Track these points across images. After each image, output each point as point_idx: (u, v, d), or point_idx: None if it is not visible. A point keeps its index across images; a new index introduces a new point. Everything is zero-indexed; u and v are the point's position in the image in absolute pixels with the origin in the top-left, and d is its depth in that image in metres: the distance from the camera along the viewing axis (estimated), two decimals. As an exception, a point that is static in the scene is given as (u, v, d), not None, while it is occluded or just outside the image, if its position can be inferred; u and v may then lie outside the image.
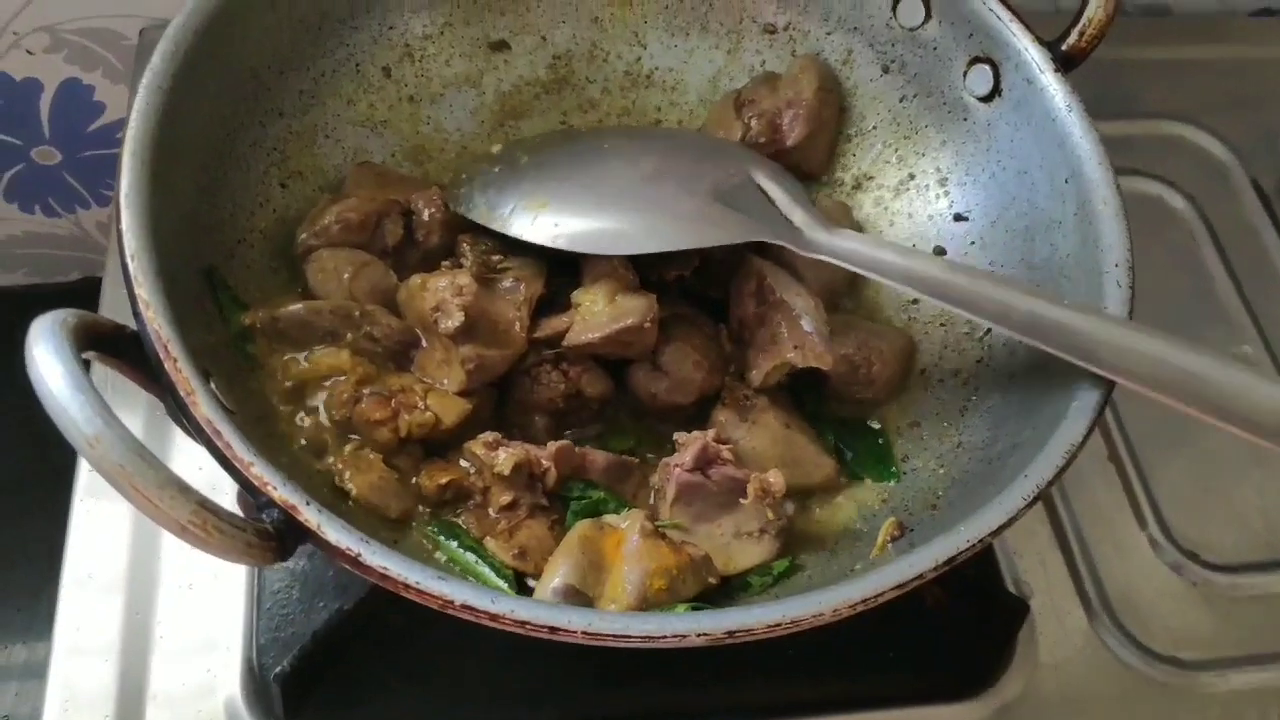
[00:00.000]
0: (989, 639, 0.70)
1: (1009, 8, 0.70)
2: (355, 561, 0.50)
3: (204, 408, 0.51)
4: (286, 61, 0.70)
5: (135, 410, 0.73)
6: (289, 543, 0.50)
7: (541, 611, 0.49)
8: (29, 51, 0.93)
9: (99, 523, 0.71)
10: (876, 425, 0.70)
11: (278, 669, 0.62)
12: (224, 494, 0.57)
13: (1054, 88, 0.68)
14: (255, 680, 0.66)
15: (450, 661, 0.67)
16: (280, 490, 0.50)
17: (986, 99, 0.72)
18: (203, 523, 0.46)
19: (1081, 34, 0.69)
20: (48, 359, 0.46)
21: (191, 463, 0.66)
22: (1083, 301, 0.63)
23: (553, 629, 0.49)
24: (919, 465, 0.67)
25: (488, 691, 0.67)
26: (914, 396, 0.71)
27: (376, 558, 0.49)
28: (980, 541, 0.53)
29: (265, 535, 0.49)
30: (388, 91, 0.76)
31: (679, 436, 0.64)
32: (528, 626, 0.49)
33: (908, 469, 0.68)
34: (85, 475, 0.72)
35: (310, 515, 0.50)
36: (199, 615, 0.68)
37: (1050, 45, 0.69)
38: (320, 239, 0.68)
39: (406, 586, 0.49)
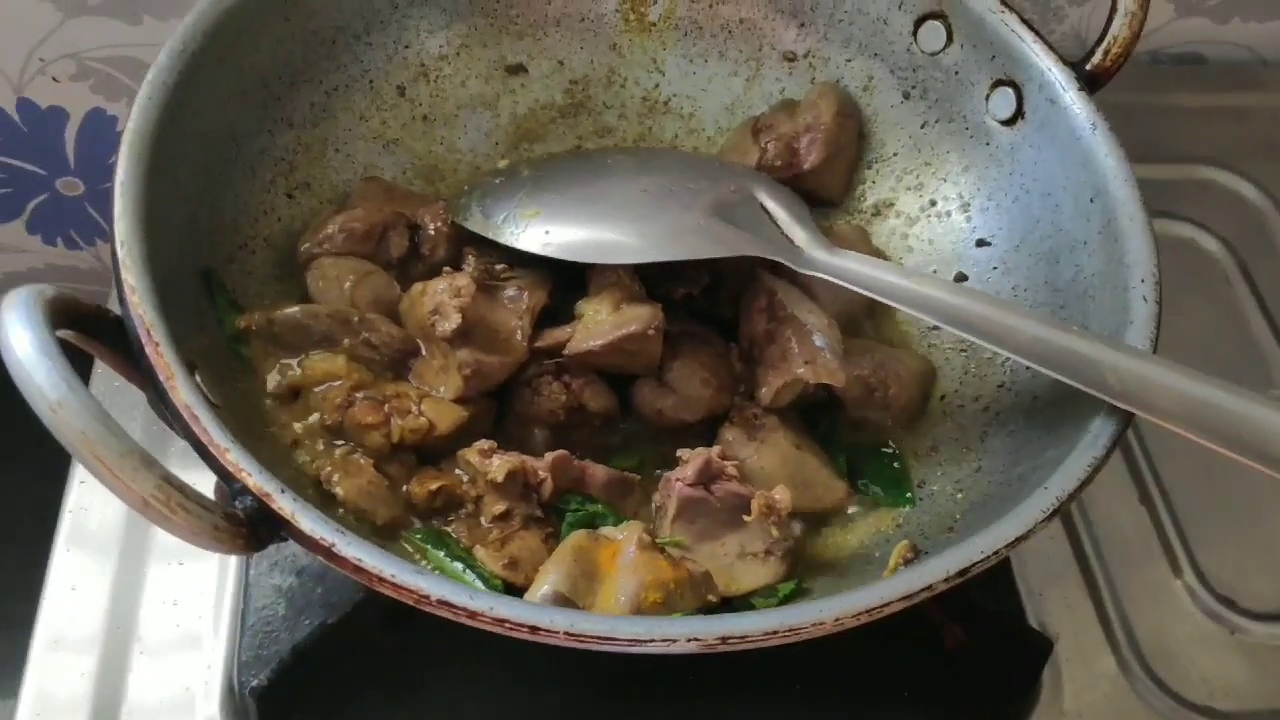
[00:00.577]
0: (1011, 679, 0.66)
1: (1032, 29, 0.69)
2: (329, 553, 0.47)
3: (183, 393, 0.50)
4: (298, 73, 0.70)
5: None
6: (262, 532, 0.48)
7: (522, 610, 0.46)
8: (55, 79, 0.94)
9: (88, 533, 0.69)
10: (892, 449, 0.67)
11: (254, 683, 0.59)
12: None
13: (1078, 106, 0.66)
14: (235, 700, 0.63)
15: (440, 686, 0.63)
16: (255, 478, 0.48)
17: (1009, 122, 0.71)
18: (166, 499, 0.44)
19: (1106, 53, 0.67)
20: (16, 326, 0.45)
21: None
22: (1108, 321, 0.61)
23: (534, 629, 0.46)
24: (936, 490, 0.64)
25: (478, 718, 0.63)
26: (933, 422, 0.68)
27: (351, 549, 0.47)
28: (995, 554, 0.50)
29: (235, 521, 0.47)
30: (401, 110, 0.75)
31: (682, 452, 0.61)
32: (507, 625, 0.46)
33: (924, 494, 0.64)
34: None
35: (284, 503, 0.48)
36: (182, 631, 0.66)
37: (1074, 66, 0.68)
38: (323, 248, 0.67)
39: (381, 579, 0.47)
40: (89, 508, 0.70)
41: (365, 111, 0.74)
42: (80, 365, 0.65)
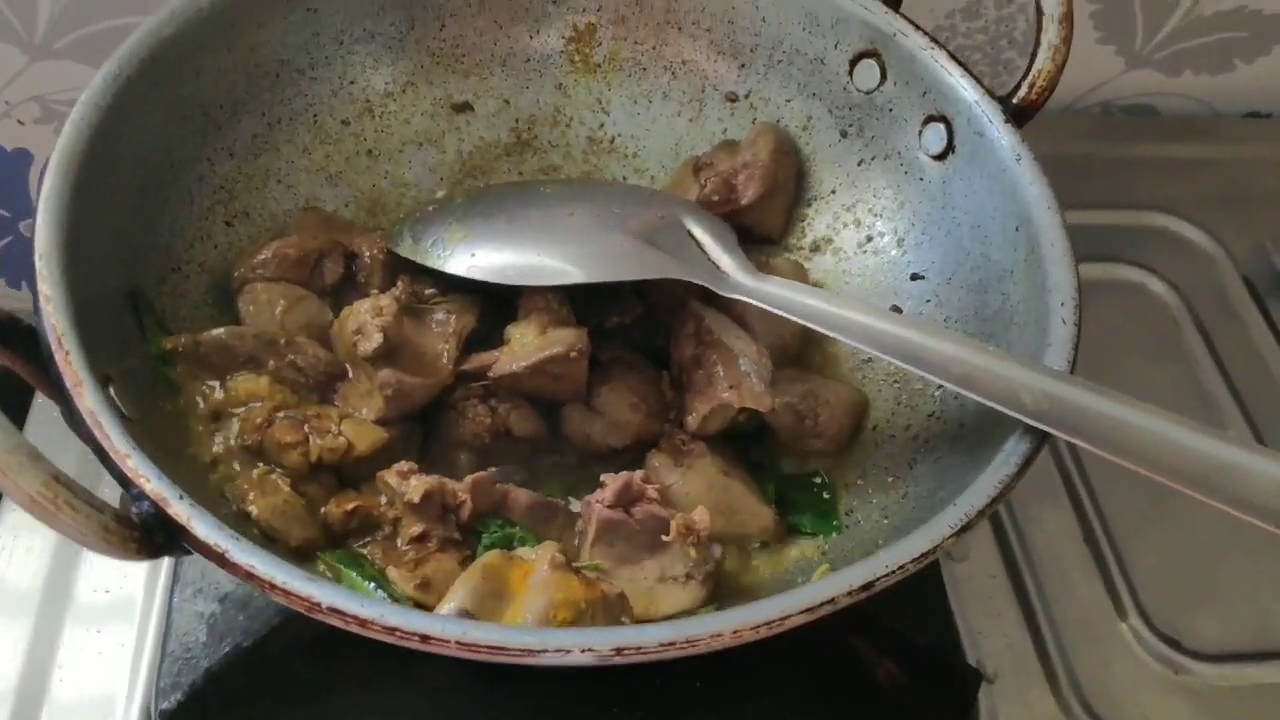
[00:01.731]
0: (942, 713, 0.65)
1: (960, 64, 0.70)
2: (222, 559, 0.47)
3: (89, 400, 0.50)
4: (240, 104, 0.71)
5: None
6: (158, 538, 0.48)
7: (413, 619, 0.46)
8: (20, 122, 0.95)
9: (16, 546, 0.69)
10: (822, 479, 0.66)
11: (163, 705, 0.58)
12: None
13: (1005, 139, 0.67)
14: (149, 727, 0.62)
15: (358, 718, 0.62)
16: (154, 483, 0.48)
17: (941, 157, 0.71)
18: (54, 496, 0.44)
19: (1031, 86, 0.68)
20: (-86, 323, 0.45)
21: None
22: (1029, 345, 0.61)
23: (425, 637, 0.45)
24: (862, 518, 0.64)
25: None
26: (864, 451, 0.67)
27: (244, 555, 0.47)
28: (900, 569, 0.49)
29: (127, 524, 0.46)
30: (345, 144, 0.76)
31: (605, 476, 0.61)
32: (398, 634, 0.45)
33: (850, 522, 0.64)
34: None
35: (180, 509, 0.47)
36: (102, 664, 0.65)
37: (1001, 100, 0.69)
38: (256, 273, 0.67)
39: (273, 586, 0.46)
40: (17, 531, 0.70)
41: (308, 144, 0.75)
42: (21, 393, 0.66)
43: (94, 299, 0.57)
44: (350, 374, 0.64)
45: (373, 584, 0.57)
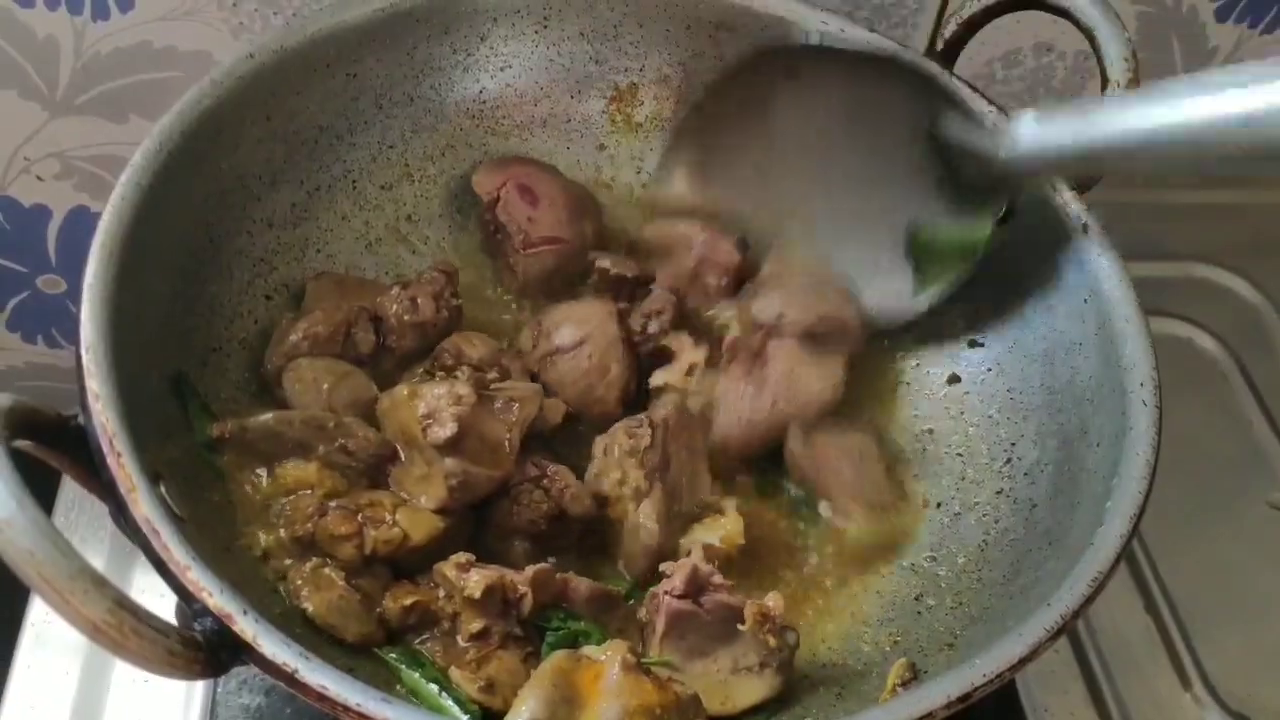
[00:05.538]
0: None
1: (1021, 127, 0.68)
2: (291, 679, 0.45)
3: (144, 506, 0.48)
4: (279, 173, 0.69)
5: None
6: (222, 656, 0.45)
7: (497, 743, 0.44)
8: (39, 178, 0.93)
9: (47, 661, 0.66)
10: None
11: (215, 812, 0.56)
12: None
13: (1070, 207, 0.66)
14: (196, 829, 0.59)
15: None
16: (217, 598, 0.46)
17: (1001, 220, 0.69)
18: (119, 624, 0.41)
19: (1096, 153, 0.66)
20: (-33, 439, 0.43)
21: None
22: (1107, 425, 0.59)
23: (509, 763, 0.43)
24: (934, 603, 0.62)
25: None
26: (930, 530, 0.65)
27: (315, 675, 0.44)
28: (998, 676, 0.47)
29: (192, 645, 0.44)
30: (385, 210, 0.74)
31: (665, 566, 0.59)
32: (481, 760, 0.43)
33: (921, 607, 0.62)
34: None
35: (246, 626, 0.45)
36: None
37: (1064, 166, 0.67)
38: (290, 359, 0.65)
39: (346, 709, 0.44)
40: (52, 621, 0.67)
41: (348, 212, 0.73)
42: (49, 474, 0.63)
43: (139, 389, 0.55)
44: (402, 455, 0.61)
45: (435, 685, 0.54)
